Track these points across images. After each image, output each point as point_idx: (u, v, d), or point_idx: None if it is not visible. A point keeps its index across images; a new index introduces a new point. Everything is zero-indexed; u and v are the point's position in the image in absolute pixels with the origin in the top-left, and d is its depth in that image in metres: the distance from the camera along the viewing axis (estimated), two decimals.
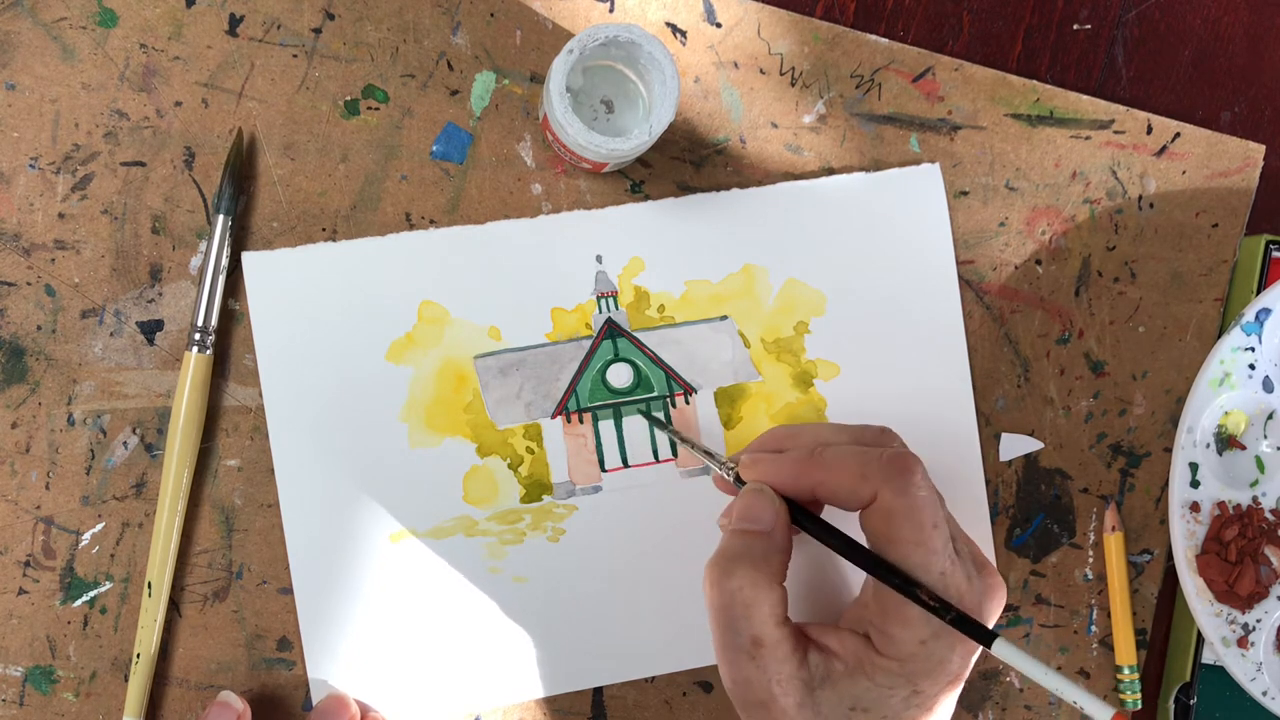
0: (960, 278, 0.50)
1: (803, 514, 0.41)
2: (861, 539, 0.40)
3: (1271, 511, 0.49)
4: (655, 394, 0.48)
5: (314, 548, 0.46)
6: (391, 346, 0.47)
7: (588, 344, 0.48)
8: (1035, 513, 0.50)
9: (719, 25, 0.48)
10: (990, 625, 0.40)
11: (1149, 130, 0.50)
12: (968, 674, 0.40)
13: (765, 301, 0.48)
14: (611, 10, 0.48)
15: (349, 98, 0.47)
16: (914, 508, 0.38)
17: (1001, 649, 0.37)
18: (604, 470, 0.48)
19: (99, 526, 0.45)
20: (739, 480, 0.42)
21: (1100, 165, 0.50)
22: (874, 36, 0.49)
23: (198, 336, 0.45)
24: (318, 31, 0.47)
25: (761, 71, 0.49)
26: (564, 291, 0.47)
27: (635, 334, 0.48)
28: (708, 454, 0.44)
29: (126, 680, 0.45)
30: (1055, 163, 0.50)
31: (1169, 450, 0.51)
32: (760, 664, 0.39)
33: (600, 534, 0.47)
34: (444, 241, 0.47)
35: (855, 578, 0.47)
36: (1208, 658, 0.50)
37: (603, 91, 0.46)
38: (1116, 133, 0.50)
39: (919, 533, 0.38)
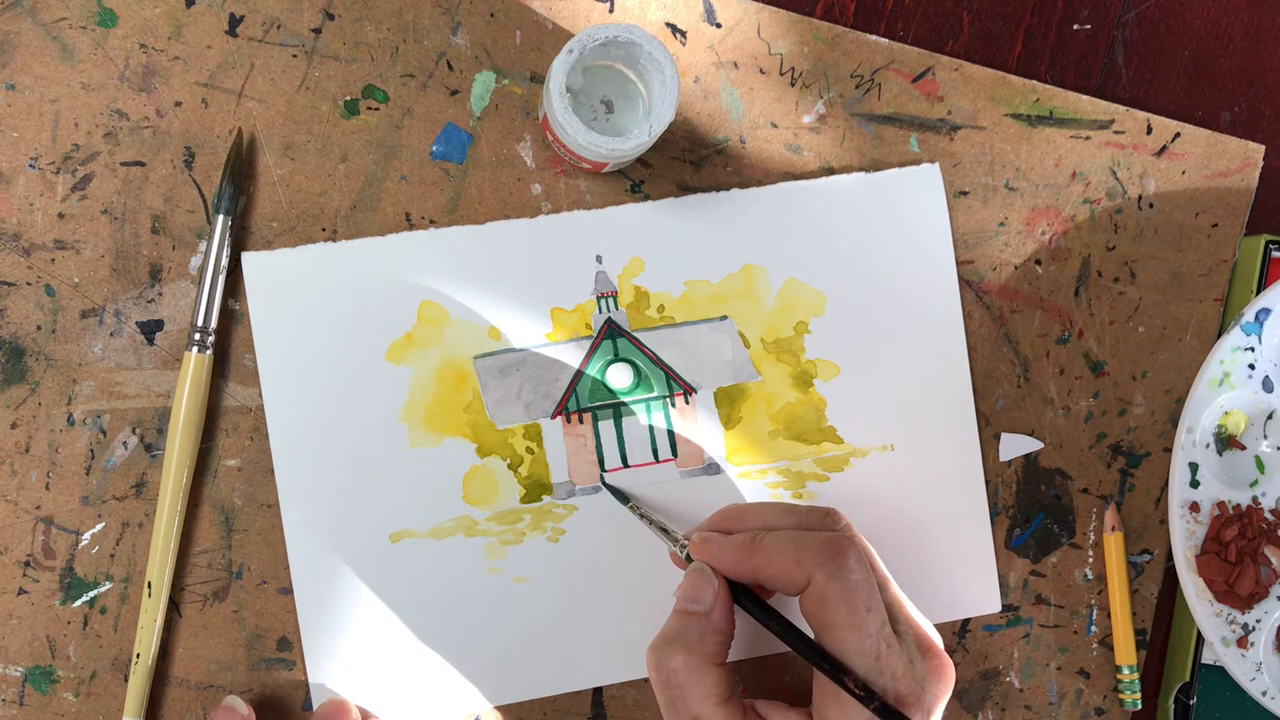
0: (960, 278, 0.50)
1: (746, 595, 0.41)
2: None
3: (1271, 511, 0.49)
4: (655, 394, 0.48)
5: (314, 548, 0.46)
6: (391, 346, 0.47)
7: (588, 344, 0.48)
8: (1035, 513, 0.50)
9: (719, 25, 0.48)
10: (936, 710, 0.40)
11: (1149, 130, 0.50)
12: None
13: (765, 301, 0.48)
14: (611, 10, 0.48)
15: (349, 98, 0.47)
16: (847, 591, 0.38)
17: None
18: (604, 470, 0.48)
19: (99, 526, 0.45)
20: (690, 558, 0.43)
21: (1100, 165, 0.50)
22: (874, 36, 0.49)
23: (198, 336, 0.45)
24: (318, 31, 0.47)
25: (761, 71, 0.49)
26: (564, 291, 0.47)
27: (635, 334, 0.48)
28: (664, 531, 0.44)
29: (126, 680, 0.45)
30: (1055, 163, 0.50)
31: (1169, 450, 0.51)
32: None
33: (600, 534, 0.47)
34: (444, 241, 0.47)
35: None
36: (1208, 658, 0.50)
37: (603, 91, 0.46)
38: (1116, 133, 0.50)
39: (852, 616, 0.38)
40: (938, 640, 0.42)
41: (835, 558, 0.39)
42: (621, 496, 0.47)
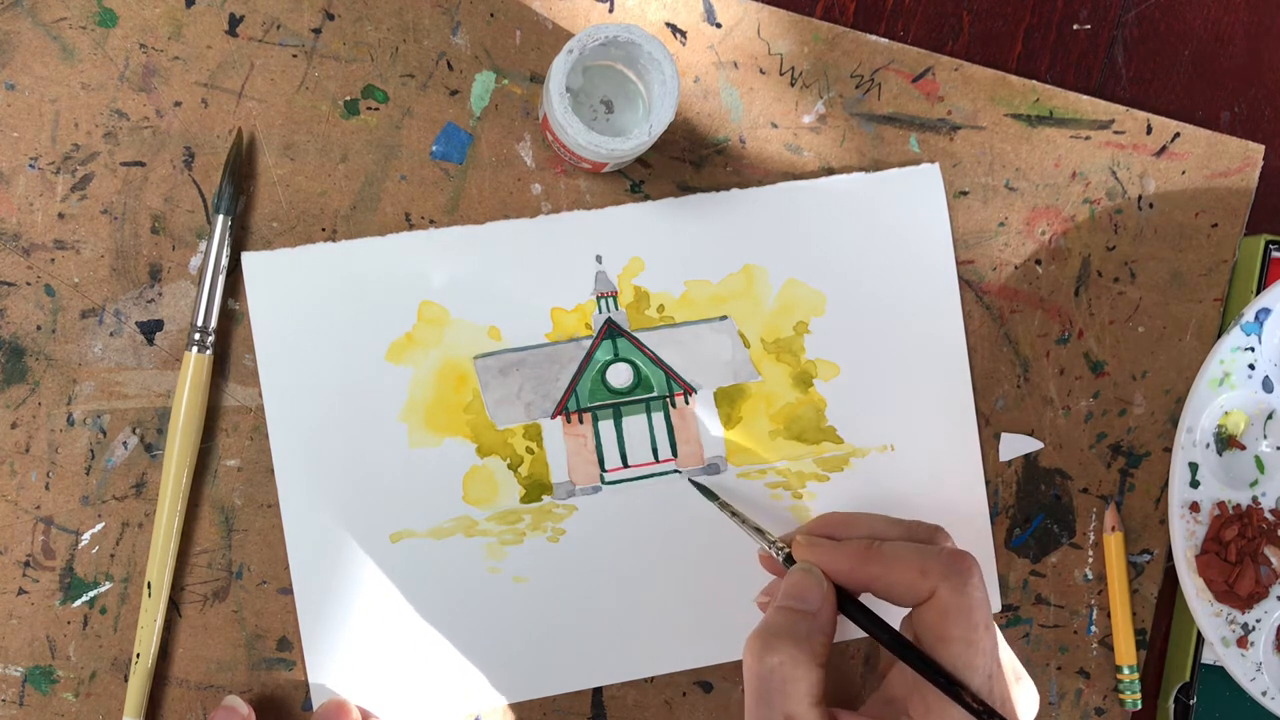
0: (960, 278, 0.50)
1: (852, 604, 0.40)
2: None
3: (1271, 511, 0.49)
4: (655, 394, 0.48)
5: (314, 548, 0.46)
6: (391, 346, 0.47)
7: (588, 344, 0.48)
8: (1035, 513, 0.50)
9: (719, 25, 0.48)
10: None
11: (1149, 130, 0.50)
12: None
13: (765, 301, 0.48)
14: (611, 10, 0.48)
15: (349, 98, 0.47)
16: (970, 607, 0.38)
17: None
18: (604, 470, 0.48)
19: (99, 526, 0.45)
20: (788, 560, 0.42)
21: (1100, 165, 0.50)
22: (874, 36, 0.49)
23: (198, 336, 0.45)
24: (318, 31, 0.47)
25: (761, 71, 0.49)
26: (564, 291, 0.47)
27: (635, 334, 0.48)
28: (758, 530, 0.44)
29: (126, 680, 0.45)
30: (1055, 163, 0.50)
31: (1169, 450, 0.51)
32: None
33: (600, 534, 0.47)
34: (444, 241, 0.47)
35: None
36: (1207, 658, 0.50)
37: (603, 91, 0.46)
38: (1116, 133, 0.50)
39: (972, 632, 0.38)
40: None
41: (961, 572, 0.39)
42: (709, 494, 0.47)
